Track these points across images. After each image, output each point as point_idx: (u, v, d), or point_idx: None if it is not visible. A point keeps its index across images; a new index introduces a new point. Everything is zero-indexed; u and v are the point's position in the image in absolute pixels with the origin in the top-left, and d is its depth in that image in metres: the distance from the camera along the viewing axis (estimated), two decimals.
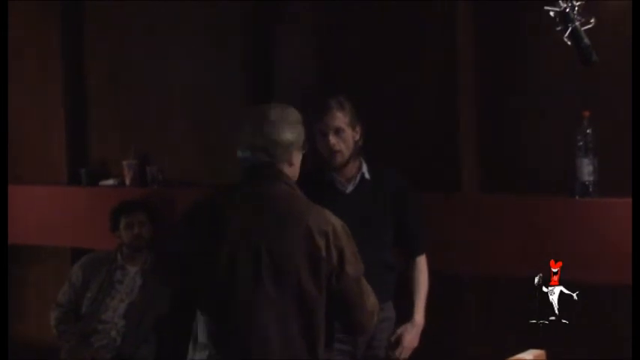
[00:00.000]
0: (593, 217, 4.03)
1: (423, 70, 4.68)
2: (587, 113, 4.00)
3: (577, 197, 4.06)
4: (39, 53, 6.13)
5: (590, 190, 4.03)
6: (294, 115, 3.23)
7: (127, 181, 5.73)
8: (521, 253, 4.21)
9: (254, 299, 3.09)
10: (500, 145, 4.47)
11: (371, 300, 3.24)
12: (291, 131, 3.19)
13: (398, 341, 4.13)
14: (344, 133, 4.01)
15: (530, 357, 3.00)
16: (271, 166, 3.18)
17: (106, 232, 5.30)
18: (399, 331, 4.13)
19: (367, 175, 4.09)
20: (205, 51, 5.46)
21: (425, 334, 4.15)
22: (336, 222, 3.18)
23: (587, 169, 4.01)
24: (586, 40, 3.23)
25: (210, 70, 5.43)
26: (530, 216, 4.22)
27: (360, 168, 4.10)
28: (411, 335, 4.13)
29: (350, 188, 4.08)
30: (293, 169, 3.26)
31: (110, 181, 5.84)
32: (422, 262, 4.20)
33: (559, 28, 3.25)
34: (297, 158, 3.27)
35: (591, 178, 4.02)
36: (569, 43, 3.25)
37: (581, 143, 4.01)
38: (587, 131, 3.99)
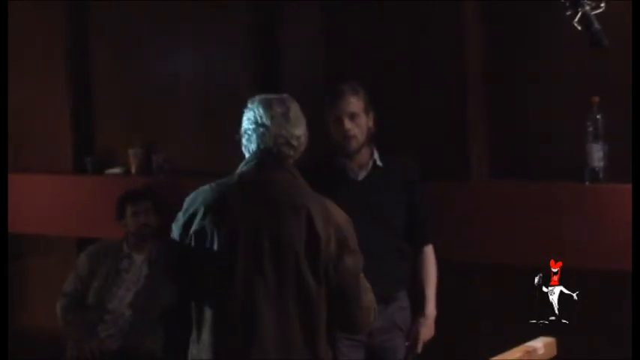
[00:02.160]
0: (603, 203, 4.00)
1: (430, 58, 4.64)
2: (596, 99, 3.98)
3: (587, 183, 4.03)
4: (44, 43, 6.12)
5: (600, 176, 4.00)
6: (299, 108, 3.33)
7: (133, 170, 5.72)
8: (531, 239, 4.19)
9: (253, 287, 3.11)
10: (509, 132, 4.44)
11: (368, 297, 3.24)
12: (304, 124, 3.30)
13: (416, 338, 4.12)
14: (358, 119, 3.99)
15: (541, 344, 2.97)
16: (281, 157, 3.24)
17: (112, 220, 5.28)
18: (414, 328, 4.13)
19: (379, 162, 4.06)
20: (210, 39, 5.43)
21: (435, 323, 4.13)
22: (340, 213, 3.21)
23: (597, 155, 3.99)
24: (596, 25, 3.19)
25: (215, 59, 5.42)
26: (540, 202, 4.19)
27: (371, 155, 4.07)
28: (427, 328, 4.13)
29: (362, 175, 4.05)
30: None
31: (116, 170, 5.83)
32: (430, 252, 4.17)
33: (569, 13, 3.21)
34: None
35: (601, 164, 4.00)
36: (579, 27, 3.21)
37: (590, 129, 3.99)
38: (597, 117, 3.97)
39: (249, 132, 3.28)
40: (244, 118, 3.32)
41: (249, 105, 3.32)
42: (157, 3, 5.58)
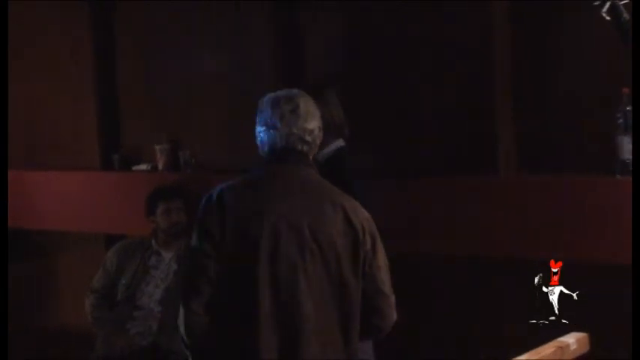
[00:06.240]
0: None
1: (458, 49, 4.60)
2: (626, 90, 3.92)
3: (618, 176, 3.98)
4: (71, 42, 6.14)
5: (631, 168, 3.94)
6: (314, 104, 3.31)
7: (160, 166, 5.72)
8: (561, 234, 4.13)
9: (296, 285, 3.08)
10: (537, 124, 4.40)
11: (393, 296, 3.25)
12: (318, 119, 3.28)
13: None
14: None
15: (574, 340, 2.94)
16: (303, 153, 3.24)
17: (140, 217, 5.28)
18: None
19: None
20: (233, 36, 5.43)
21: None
22: (365, 211, 3.23)
23: (627, 147, 3.93)
24: (625, 15, 3.15)
25: (239, 55, 5.43)
26: (570, 196, 4.14)
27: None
28: None
29: None
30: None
31: (143, 166, 5.83)
32: None
33: (597, 3, 3.17)
34: None
35: (632, 156, 3.93)
36: (607, 18, 3.17)
37: (621, 121, 3.93)
38: (628, 108, 3.91)
39: (262, 134, 3.26)
40: (256, 120, 3.30)
41: (259, 106, 3.31)
42: (181, 3, 5.58)
